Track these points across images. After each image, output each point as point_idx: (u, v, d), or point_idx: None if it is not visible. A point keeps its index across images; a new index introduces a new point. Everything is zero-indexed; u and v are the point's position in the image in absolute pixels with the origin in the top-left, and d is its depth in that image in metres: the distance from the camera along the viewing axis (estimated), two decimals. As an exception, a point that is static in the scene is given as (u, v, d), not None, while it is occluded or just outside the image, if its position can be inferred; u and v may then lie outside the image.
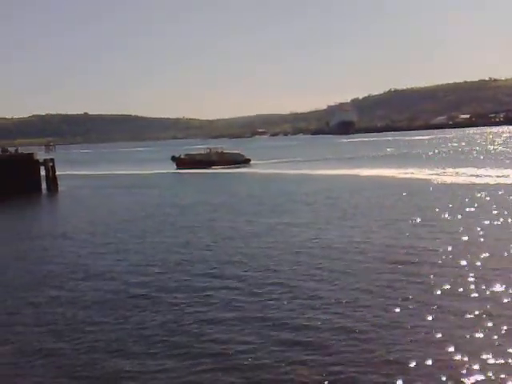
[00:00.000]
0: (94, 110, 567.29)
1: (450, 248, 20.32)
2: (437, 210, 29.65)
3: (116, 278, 18.78)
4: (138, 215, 34.09)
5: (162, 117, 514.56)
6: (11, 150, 65.28)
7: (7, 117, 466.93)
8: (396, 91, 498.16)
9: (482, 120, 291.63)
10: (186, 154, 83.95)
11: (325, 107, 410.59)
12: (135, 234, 27.17)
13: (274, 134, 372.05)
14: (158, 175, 71.68)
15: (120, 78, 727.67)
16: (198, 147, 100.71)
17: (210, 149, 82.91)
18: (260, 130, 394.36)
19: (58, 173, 58.15)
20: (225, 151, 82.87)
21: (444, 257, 19.11)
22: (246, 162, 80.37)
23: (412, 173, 54.25)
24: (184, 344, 12.62)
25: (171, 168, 79.06)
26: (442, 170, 54.77)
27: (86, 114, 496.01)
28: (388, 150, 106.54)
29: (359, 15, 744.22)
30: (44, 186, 55.72)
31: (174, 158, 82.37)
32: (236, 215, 31.81)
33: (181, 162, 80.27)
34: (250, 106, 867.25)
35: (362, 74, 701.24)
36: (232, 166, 76.23)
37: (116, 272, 19.66)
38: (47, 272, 20.25)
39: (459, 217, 27.16)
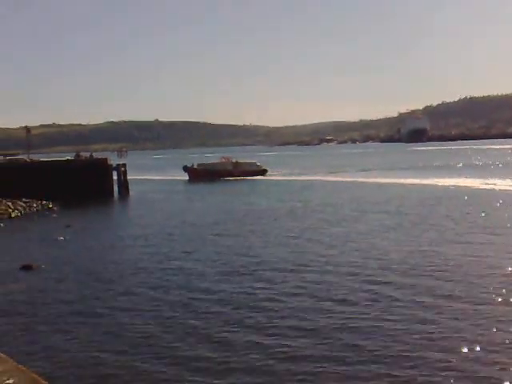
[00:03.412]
0: (164, 117, 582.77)
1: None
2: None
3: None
4: (208, 220, 33.77)
5: (230, 123, 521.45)
6: (85, 154, 67.34)
7: (83, 123, 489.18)
8: (471, 99, 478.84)
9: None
10: (199, 164, 79.68)
11: (396, 115, 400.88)
12: (207, 238, 26.75)
13: (343, 142, 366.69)
14: (226, 181, 71.53)
15: (189, 85, 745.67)
16: (261, 154, 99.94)
17: (224, 158, 79.82)
18: (328, 138, 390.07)
19: (129, 177, 59.33)
20: (240, 161, 79.22)
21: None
22: (262, 172, 76.92)
23: (494, 184, 50.79)
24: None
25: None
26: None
27: (156, 120, 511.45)
28: (465, 158, 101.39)
29: (434, 22, 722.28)
30: (116, 190, 56.95)
31: (185, 168, 77.32)
32: (328, 222, 30.87)
33: (193, 172, 76.10)
34: (319, 114, 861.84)
35: (436, 81, 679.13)
36: (248, 176, 72.87)
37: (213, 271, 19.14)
38: (133, 266, 20.13)
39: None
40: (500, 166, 78.03)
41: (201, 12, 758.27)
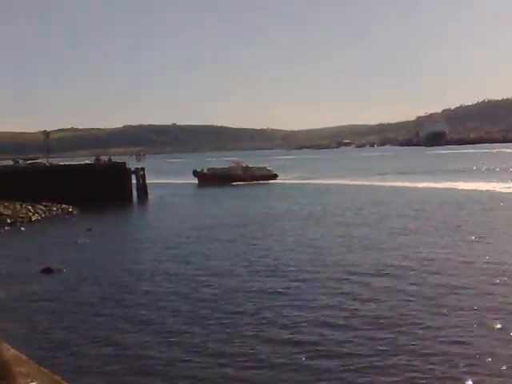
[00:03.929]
0: (182, 121, 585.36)
1: None
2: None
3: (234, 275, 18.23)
4: (230, 223, 33.81)
5: (248, 127, 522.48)
6: (104, 158, 67.88)
7: (101, 127, 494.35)
8: (490, 102, 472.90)
9: None
10: (209, 169, 78.73)
11: (414, 118, 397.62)
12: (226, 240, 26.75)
13: (361, 145, 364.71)
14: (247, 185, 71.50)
15: (205, 89, 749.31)
16: (278, 158, 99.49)
17: (234, 163, 78.89)
18: (346, 141, 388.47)
19: (148, 181, 59.66)
20: (250, 166, 78.05)
21: None
22: (273, 177, 75.61)
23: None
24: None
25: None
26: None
27: (174, 124, 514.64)
28: (485, 162, 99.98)
29: (452, 23, 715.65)
30: (135, 193, 57.28)
31: (195, 173, 76.87)
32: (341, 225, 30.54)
33: (203, 177, 75.48)
34: (337, 117, 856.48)
35: (454, 84, 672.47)
36: (259, 181, 72.06)
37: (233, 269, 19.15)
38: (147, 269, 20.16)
39: None
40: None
41: (213, 14, 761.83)
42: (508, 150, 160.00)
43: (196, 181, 75.62)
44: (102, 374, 12.19)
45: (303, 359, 12.34)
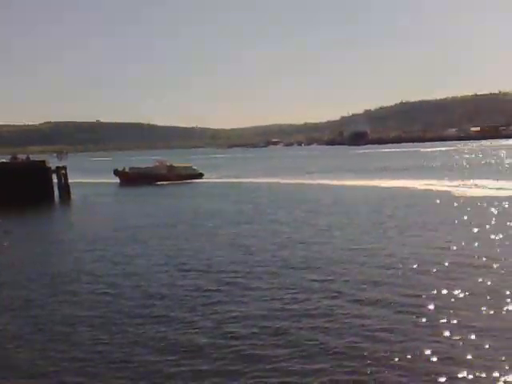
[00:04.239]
0: (106, 119, 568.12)
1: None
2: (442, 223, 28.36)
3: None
4: (156, 222, 33.26)
5: (176, 125, 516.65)
6: (22, 157, 64.66)
7: (18, 124, 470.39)
8: (407, 103, 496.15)
9: (492, 133, 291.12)
10: (131, 168, 76.70)
11: (338, 118, 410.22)
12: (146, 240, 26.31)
13: (289, 144, 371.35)
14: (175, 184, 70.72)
15: (133, 87, 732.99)
16: (209, 156, 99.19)
17: (158, 162, 77.50)
18: (274, 140, 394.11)
19: (70, 180, 57.51)
20: (175, 165, 77.20)
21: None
22: (198, 176, 75.34)
23: (432, 184, 52.93)
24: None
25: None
26: (461, 182, 53.39)
27: (98, 121, 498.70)
28: (404, 160, 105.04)
29: (372, 28, 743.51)
30: (57, 193, 55.05)
31: (116, 172, 74.99)
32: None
33: (124, 176, 73.67)
34: (265, 116, 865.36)
35: (375, 85, 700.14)
36: (183, 180, 71.60)
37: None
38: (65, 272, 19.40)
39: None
40: (435, 167, 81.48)
41: (139, 9, 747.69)
42: (423, 149, 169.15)
43: (110, 180, 73.48)
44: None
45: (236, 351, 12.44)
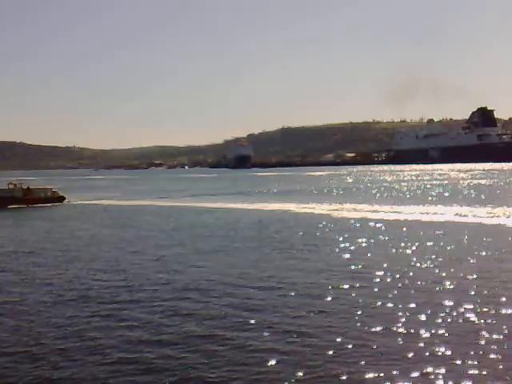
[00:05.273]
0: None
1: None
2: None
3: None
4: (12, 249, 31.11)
5: (53, 145, 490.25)
6: None
7: None
8: (288, 128, 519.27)
9: (366, 159, 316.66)
10: None
11: (221, 141, 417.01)
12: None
13: (172, 166, 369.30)
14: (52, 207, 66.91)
15: (4, 103, 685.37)
16: (87, 178, 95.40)
17: (13, 184, 71.29)
18: (157, 162, 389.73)
19: None
20: (32, 187, 72.15)
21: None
22: (58, 199, 71.48)
23: (313, 207, 55.69)
24: None
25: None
26: (340, 206, 56.80)
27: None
28: (287, 184, 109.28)
29: (258, 52, 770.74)
30: None
31: None
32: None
33: None
34: (146, 138, 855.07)
35: (258, 111, 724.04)
36: (41, 204, 67.85)
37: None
38: None
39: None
40: (315, 191, 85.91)
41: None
42: (303, 174, 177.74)
43: None
44: None
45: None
